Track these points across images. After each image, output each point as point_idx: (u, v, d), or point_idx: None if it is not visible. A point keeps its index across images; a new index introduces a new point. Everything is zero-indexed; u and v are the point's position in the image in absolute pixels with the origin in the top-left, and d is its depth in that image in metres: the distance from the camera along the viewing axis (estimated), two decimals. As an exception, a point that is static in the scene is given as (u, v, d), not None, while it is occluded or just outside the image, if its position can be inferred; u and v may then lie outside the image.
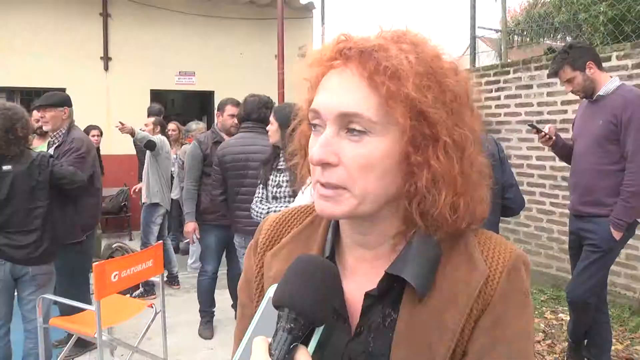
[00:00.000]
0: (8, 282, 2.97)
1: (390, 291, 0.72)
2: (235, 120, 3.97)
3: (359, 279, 0.76)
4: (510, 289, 0.69)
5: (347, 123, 0.66)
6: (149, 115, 6.07)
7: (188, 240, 4.65)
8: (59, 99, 3.72)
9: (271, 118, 3.05)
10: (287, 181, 2.95)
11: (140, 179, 5.94)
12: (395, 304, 0.72)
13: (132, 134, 4.83)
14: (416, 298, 0.69)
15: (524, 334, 0.70)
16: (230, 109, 4.13)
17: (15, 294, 3.09)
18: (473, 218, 0.72)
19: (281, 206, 2.89)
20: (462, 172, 0.69)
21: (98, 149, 6.13)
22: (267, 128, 3.11)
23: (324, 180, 0.68)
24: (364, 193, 0.67)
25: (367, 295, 0.73)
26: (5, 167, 2.93)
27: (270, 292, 0.67)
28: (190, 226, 4.10)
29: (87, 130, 6.00)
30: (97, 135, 6.06)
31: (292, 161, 0.84)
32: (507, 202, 2.95)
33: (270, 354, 0.60)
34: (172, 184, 5.64)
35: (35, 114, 4.49)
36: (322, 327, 0.65)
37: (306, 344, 0.63)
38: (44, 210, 3.05)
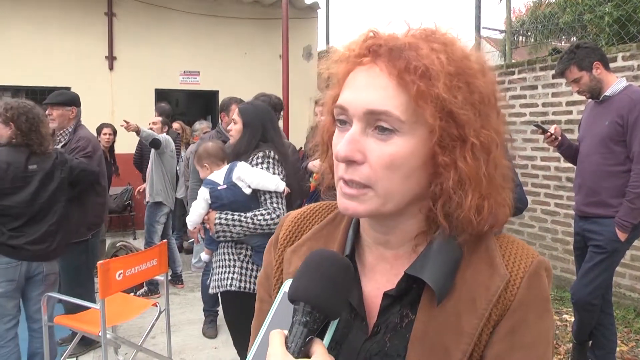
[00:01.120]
0: (21, 282, 2.97)
1: (409, 292, 0.72)
2: None
3: (378, 278, 0.76)
4: (531, 295, 0.69)
5: (375, 121, 0.65)
6: (160, 114, 6.01)
7: (192, 239, 4.65)
8: (68, 98, 3.73)
9: (236, 117, 2.84)
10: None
11: (144, 179, 5.95)
12: (413, 305, 0.72)
13: (137, 131, 4.84)
14: (435, 300, 0.69)
15: (543, 341, 0.69)
16: (236, 109, 4.12)
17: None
18: (496, 221, 0.72)
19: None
20: (488, 174, 0.68)
21: (113, 148, 6.14)
22: (230, 127, 2.91)
23: (348, 177, 0.67)
24: (388, 192, 0.67)
25: (386, 295, 0.73)
26: (32, 167, 2.93)
27: (286, 286, 0.68)
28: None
29: (100, 128, 5.99)
30: (110, 134, 6.02)
31: (314, 157, 0.84)
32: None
33: (287, 347, 0.61)
34: (177, 183, 5.65)
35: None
36: (337, 320, 0.66)
37: (322, 337, 0.64)
38: (63, 206, 3.09)
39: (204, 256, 2.91)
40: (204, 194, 2.64)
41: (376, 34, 0.69)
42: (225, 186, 2.59)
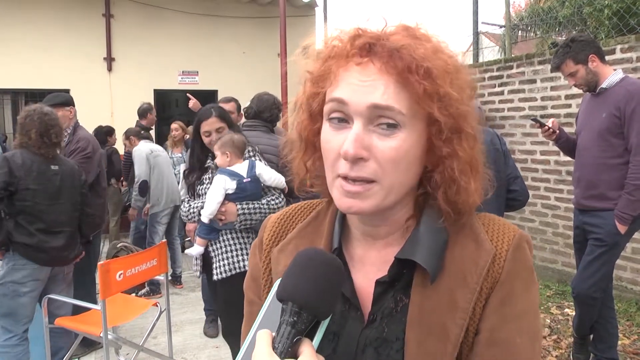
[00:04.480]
0: (45, 282, 3.06)
1: (400, 277, 0.75)
2: (235, 115, 3.98)
3: (368, 268, 0.78)
4: (517, 267, 0.73)
5: (377, 117, 0.68)
6: (128, 136, 5.84)
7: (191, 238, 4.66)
8: (65, 99, 3.76)
9: (220, 124, 2.92)
10: (208, 179, 2.91)
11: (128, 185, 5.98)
12: (406, 289, 0.74)
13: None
14: (427, 281, 0.72)
15: (532, 309, 0.73)
16: (226, 107, 4.12)
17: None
18: (480, 198, 0.77)
19: (202, 201, 2.85)
20: (477, 158, 0.74)
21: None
22: (212, 137, 2.92)
23: (354, 174, 0.69)
24: (392, 185, 0.70)
25: (378, 282, 0.75)
26: (54, 167, 3.03)
27: (276, 286, 0.67)
28: (191, 225, 4.08)
29: (110, 131, 6.03)
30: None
31: (289, 155, 0.83)
32: (514, 194, 2.89)
33: (274, 347, 0.60)
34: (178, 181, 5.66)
35: None
36: (327, 320, 0.65)
37: (312, 337, 0.63)
38: (77, 216, 3.20)
39: (196, 248, 2.93)
40: (226, 183, 2.75)
41: (364, 32, 0.71)
42: (249, 179, 2.80)
